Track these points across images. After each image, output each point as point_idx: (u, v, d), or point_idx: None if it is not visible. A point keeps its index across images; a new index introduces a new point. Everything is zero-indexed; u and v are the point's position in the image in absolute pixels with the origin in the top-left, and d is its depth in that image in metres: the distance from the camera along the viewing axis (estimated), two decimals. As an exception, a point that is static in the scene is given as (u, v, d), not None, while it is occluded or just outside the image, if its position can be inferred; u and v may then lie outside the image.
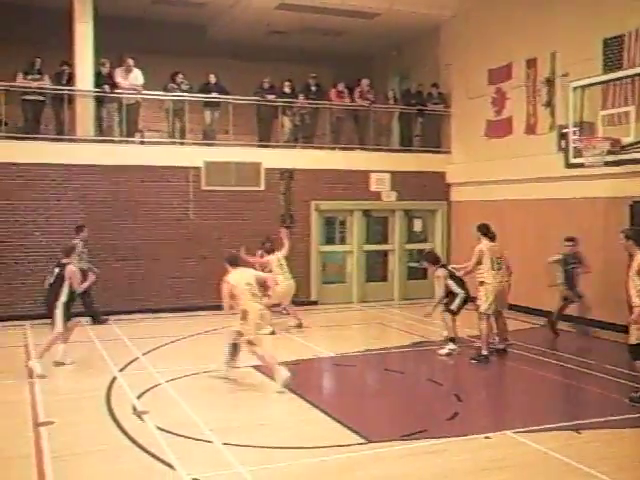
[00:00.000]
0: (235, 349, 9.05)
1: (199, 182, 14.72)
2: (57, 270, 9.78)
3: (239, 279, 8.82)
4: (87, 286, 10.35)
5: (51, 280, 9.81)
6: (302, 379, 9.40)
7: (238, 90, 15.40)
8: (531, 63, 14.52)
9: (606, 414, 7.61)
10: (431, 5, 16.33)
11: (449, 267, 11.17)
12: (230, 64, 17.09)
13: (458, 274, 10.80)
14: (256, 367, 9.53)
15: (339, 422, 7.33)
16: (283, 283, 12.23)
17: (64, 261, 9.80)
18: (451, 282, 10.66)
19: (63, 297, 9.62)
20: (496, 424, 7.33)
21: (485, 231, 10.45)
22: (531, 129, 14.60)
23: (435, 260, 11.20)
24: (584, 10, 13.04)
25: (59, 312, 9.59)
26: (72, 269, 9.70)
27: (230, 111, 15.30)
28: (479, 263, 10.34)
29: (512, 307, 11.44)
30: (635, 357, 8.08)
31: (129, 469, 6.17)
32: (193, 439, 6.82)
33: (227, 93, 15.40)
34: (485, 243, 10.38)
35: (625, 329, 8.62)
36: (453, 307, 10.70)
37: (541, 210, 13.84)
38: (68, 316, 9.73)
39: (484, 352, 10.11)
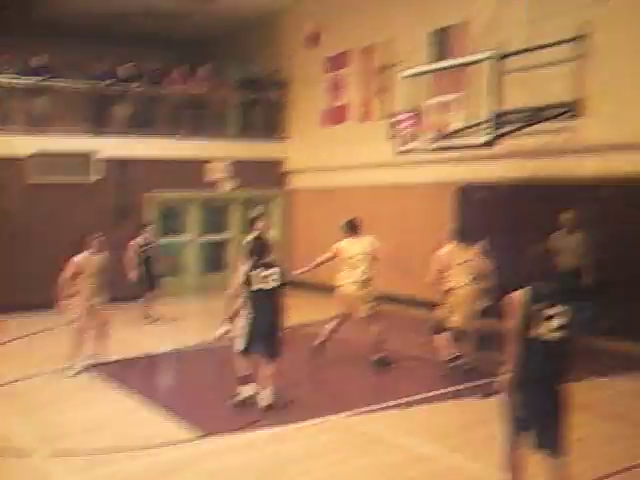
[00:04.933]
0: None
1: (25, 174, 13.82)
2: None
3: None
4: None
5: None
6: (134, 375, 9.15)
7: (70, 74, 14.61)
8: (366, 51, 14.87)
9: (430, 389, 8.03)
10: (271, -9, 16.31)
11: None
12: (62, 46, 16.11)
13: None
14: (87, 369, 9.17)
15: (174, 417, 7.18)
16: None
17: None
18: None
19: None
20: (331, 408, 7.43)
21: None
22: (365, 116, 14.97)
23: None
24: (416, 2, 13.56)
25: None
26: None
27: (60, 97, 14.48)
28: None
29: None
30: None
31: None
32: (8, 456, 6.32)
33: (54, 77, 14.54)
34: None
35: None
36: None
37: (375, 196, 14.25)
38: None
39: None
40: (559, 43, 10.53)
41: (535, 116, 10.84)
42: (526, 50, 10.83)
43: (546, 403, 4.73)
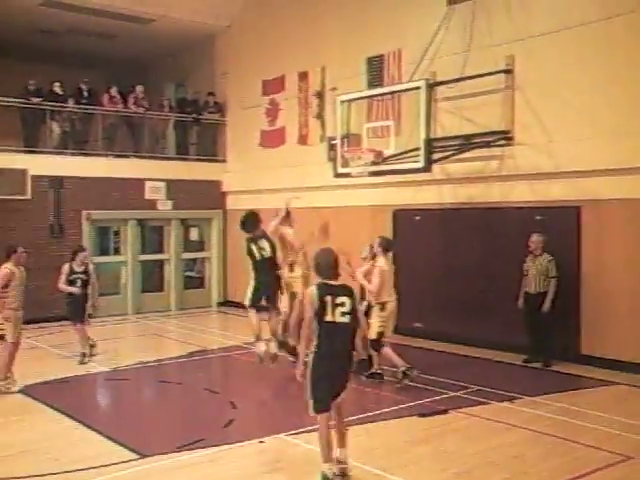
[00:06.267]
0: None
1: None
2: None
3: None
4: None
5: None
6: (72, 397, 9.00)
7: (0, 91, 14.34)
8: (303, 76, 15.10)
9: (374, 409, 8.17)
10: (206, 14, 16.44)
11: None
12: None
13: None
14: (21, 390, 8.98)
15: (111, 439, 7.08)
16: None
17: None
18: None
19: None
20: (270, 428, 7.46)
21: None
22: (303, 139, 15.18)
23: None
24: (351, 29, 13.85)
25: None
26: None
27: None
28: None
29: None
30: (375, 348, 9.13)
31: None
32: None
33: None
34: None
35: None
36: None
37: (313, 218, 14.38)
38: None
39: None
40: (487, 74, 11.01)
41: (467, 143, 11.27)
42: (457, 80, 11.29)
43: (341, 372, 5.91)
